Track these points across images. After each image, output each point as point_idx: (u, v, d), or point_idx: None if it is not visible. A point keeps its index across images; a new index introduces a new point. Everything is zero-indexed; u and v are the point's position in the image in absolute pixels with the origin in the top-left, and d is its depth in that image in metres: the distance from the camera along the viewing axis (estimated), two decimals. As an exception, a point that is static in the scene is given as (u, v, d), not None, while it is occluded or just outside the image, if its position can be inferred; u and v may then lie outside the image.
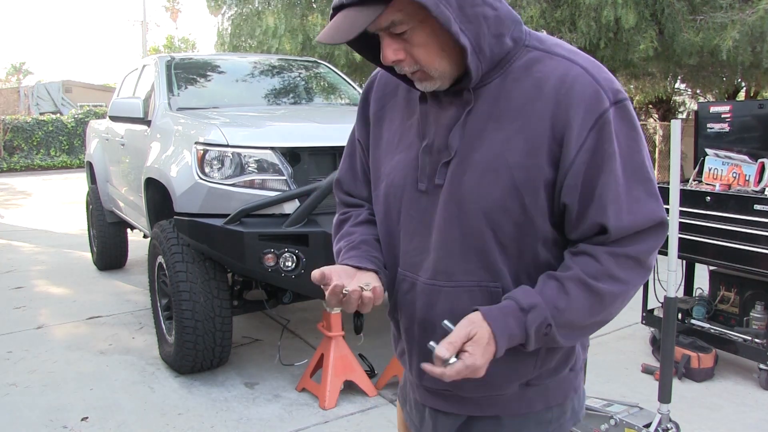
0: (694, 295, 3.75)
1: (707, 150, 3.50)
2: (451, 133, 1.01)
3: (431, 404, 1.14)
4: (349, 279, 1.03)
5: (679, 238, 2.59)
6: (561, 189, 0.97)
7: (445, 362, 0.91)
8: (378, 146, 1.17)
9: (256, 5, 8.12)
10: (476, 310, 0.97)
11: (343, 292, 0.99)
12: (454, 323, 0.96)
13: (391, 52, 0.96)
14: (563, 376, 1.09)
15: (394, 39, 0.96)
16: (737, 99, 11.30)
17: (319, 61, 5.19)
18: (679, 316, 3.53)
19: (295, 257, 2.80)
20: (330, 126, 3.42)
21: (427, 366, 0.93)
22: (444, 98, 1.03)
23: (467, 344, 0.93)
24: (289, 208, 2.89)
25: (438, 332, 0.99)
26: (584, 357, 1.15)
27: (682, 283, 3.68)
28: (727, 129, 3.44)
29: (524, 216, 0.98)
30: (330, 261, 1.16)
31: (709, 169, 3.48)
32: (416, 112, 1.09)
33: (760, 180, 3.18)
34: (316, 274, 1.02)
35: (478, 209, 0.99)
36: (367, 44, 1.04)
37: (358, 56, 6.69)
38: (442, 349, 0.91)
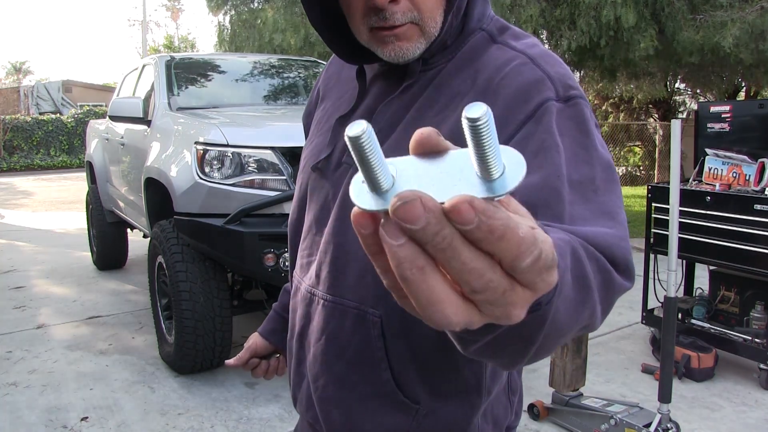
0: (694, 295, 3.75)
1: (707, 150, 3.50)
2: (380, 107, 0.82)
3: None
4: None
5: (679, 238, 2.59)
6: None
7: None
8: (309, 133, 1.01)
9: (256, 5, 8.12)
10: None
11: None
12: (332, 351, 0.83)
13: None
14: None
15: None
16: (737, 99, 11.30)
17: (318, 60, 5.18)
18: (679, 315, 3.53)
19: (295, 257, 2.80)
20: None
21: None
22: (383, 71, 0.86)
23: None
24: (289, 208, 2.89)
25: (310, 353, 0.86)
26: None
27: (682, 283, 3.68)
28: (727, 129, 3.44)
29: None
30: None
31: (709, 169, 3.48)
32: (350, 90, 0.91)
33: (761, 180, 3.18)
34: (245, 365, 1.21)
35: None
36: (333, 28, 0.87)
37: None
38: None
